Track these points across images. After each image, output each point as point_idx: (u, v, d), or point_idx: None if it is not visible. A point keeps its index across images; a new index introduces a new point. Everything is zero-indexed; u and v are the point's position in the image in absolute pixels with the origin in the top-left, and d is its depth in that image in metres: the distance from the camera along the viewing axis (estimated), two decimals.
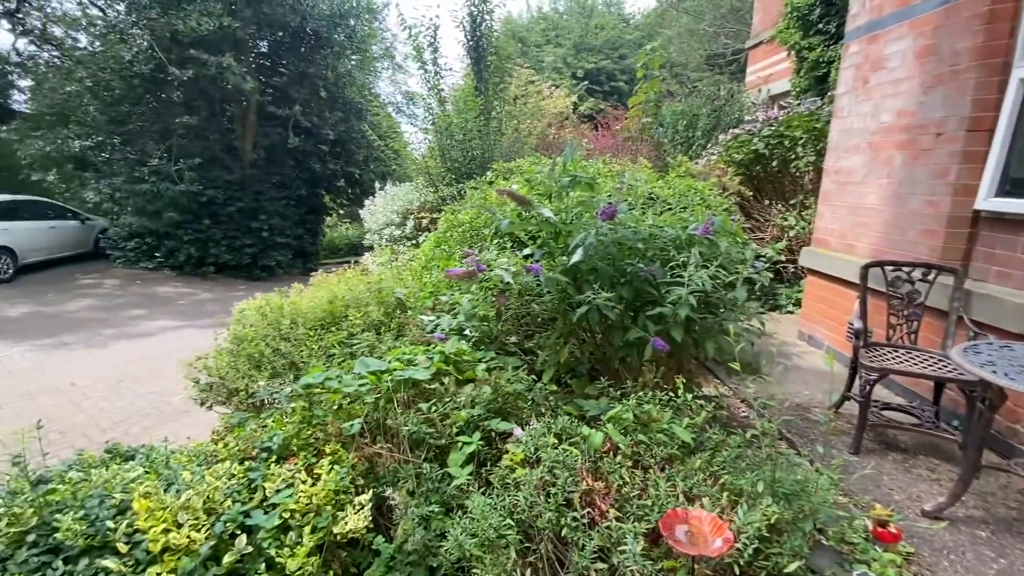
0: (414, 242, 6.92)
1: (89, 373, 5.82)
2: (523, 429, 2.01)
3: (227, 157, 12.70)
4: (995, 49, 2.77)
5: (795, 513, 1.61)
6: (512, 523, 1.33)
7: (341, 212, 19.56)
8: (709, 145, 7.27)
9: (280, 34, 12.79)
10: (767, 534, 1.42)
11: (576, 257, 2.20)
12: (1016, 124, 2.73)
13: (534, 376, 2.50)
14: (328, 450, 1.82)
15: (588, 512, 1.41)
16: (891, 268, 2.99)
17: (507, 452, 1.88)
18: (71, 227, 12.39)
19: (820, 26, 6.82)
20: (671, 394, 1.95)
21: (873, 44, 3.68)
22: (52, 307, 8.88)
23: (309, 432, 1.95)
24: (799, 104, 5.98)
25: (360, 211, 10.26)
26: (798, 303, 5.15)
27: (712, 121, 8.16)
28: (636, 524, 1.30)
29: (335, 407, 2.14)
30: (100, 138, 11.49)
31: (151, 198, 11.29)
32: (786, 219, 5.70)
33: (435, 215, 6.37)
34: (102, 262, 12.65)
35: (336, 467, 1.80)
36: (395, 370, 2.21)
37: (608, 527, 1.30)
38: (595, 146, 7.64)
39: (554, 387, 2.49)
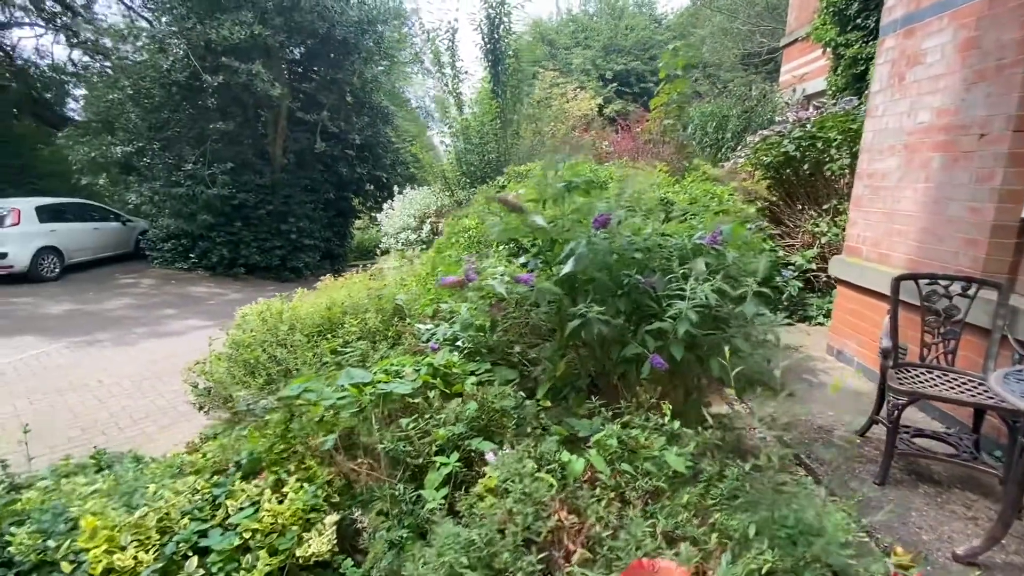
0: (427, 246, 6.90)
1: (118, 370, 6.01)
2: (508, 449, 1.89)
3: (259, 161, 13.04)
4: None
5: (796, 560, 1.44)
6: (467, 562, 1.22)
7: (372, 216, 19.83)
8: (739, 147, 6.98)
9: (310, 41, 13.06)
10: None
11: (568, 267, 2.07)
12: None
13: (529, 391, 2.38)
14: (293, 467, 1.75)
15: (553, 552, 1.28)
16: (926, 281, 2.73)
17: (485, 475, 1.76)
18: (113, 228, 12.97)
19: (858, 21, 6.45)
20: (661, 418, 1.79)
21: (910, 38, 3.40)
22: (92, 305, 9.27)
23: (283, 447, 1.88)
24: (834, 104, 5.64)
25: (378, 215, 10.36)
26: (829, 315, 4.84)
27: (743, 122, 7.85)
28: (604, 570, 1.17)
29: (316, 420, 2.07)
30: (141, 144, 11.98)
31: (187, 201, 11.71)
32: (818, 225, 5.38)
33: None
34: (141, 262, 13.18)
35: (305, 485, 1.72)
36: (378, 382, 2.13)
37: (570, 573, 1.17)
38: (615, 149, 7.44)
39: (548, 403, 2.36)
